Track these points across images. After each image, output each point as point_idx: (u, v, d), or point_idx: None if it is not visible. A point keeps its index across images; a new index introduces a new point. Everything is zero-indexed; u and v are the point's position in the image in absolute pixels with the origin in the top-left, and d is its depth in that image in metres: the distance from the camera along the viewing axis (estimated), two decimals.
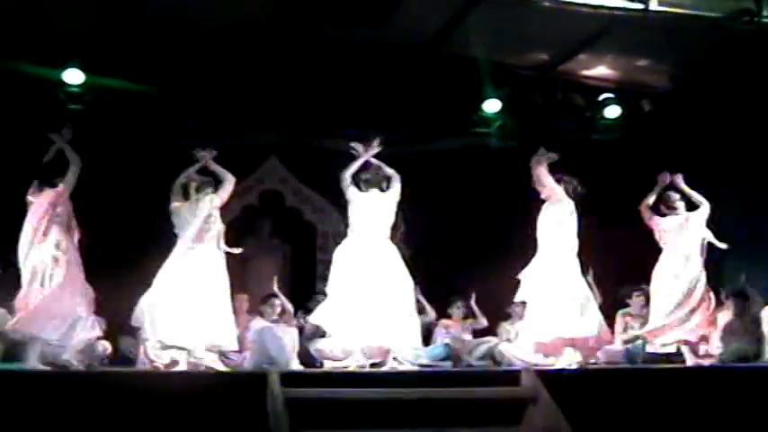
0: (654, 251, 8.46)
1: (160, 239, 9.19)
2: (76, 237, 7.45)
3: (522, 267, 7.89)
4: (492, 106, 10.47)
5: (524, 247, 8.00)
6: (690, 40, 9.44)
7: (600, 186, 8.81)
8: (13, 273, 7.33)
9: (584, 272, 8.02)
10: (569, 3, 8.87)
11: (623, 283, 9.46)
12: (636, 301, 9.09)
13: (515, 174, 9.24)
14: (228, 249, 7.50)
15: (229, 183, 7.68)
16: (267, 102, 10.27)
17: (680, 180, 8.44)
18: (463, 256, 10.35)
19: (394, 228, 7.80)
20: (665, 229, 8.31)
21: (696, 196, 8.37)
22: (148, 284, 7.28)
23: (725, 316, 8.70)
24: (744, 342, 8.44)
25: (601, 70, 10.71)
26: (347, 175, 7.81)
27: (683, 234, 8.22)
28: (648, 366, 7.88)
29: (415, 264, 7.80)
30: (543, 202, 8.00)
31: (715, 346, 8.43)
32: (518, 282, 7.87)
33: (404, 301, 7.47)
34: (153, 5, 8.98)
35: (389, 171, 7.88)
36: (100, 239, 7.61)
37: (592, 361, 8.02)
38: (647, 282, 8.45)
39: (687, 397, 6.55)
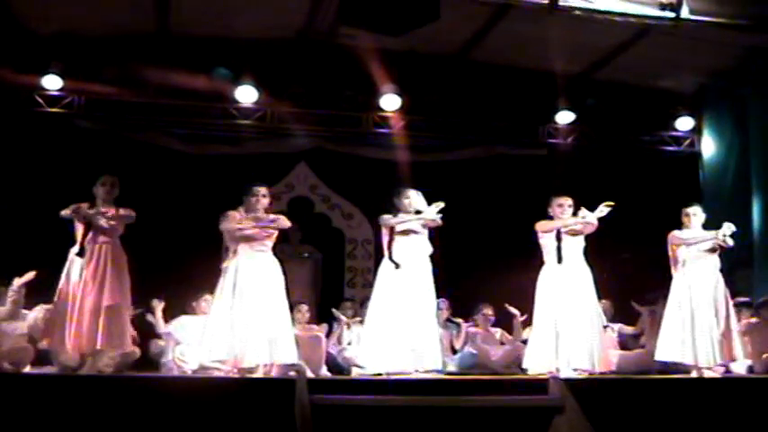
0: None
1: (189, 245, 9.35)
2: None
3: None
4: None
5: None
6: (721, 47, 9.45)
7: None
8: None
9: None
10: (600, 12, 8.89)
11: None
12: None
13: (540, 182, 9.28)
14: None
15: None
16: (297, 108, 10.37)
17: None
18: (488, 263, 10.29)
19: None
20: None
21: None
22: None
23: (754, 325, 8.60)
24: None
25: (631, 78, 10.73)
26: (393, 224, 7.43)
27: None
28: (677, 376, 7.82)
29: (441, 271, 7.75)
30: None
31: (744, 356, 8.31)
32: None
33: (429, 316, 7.37)
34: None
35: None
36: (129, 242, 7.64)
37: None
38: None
39: (717, 407, 6.48)
